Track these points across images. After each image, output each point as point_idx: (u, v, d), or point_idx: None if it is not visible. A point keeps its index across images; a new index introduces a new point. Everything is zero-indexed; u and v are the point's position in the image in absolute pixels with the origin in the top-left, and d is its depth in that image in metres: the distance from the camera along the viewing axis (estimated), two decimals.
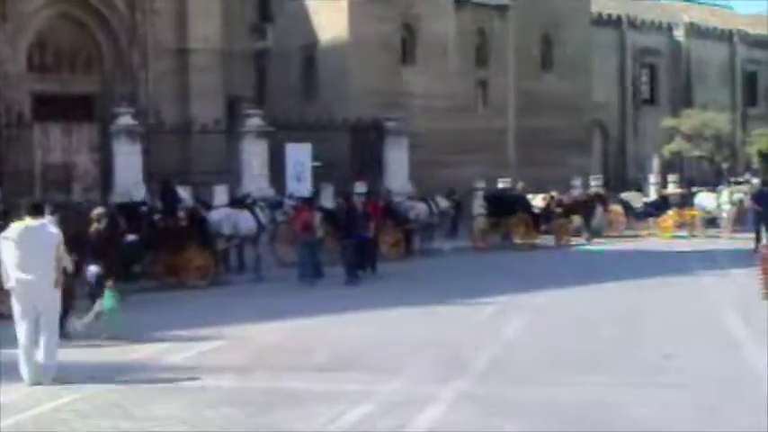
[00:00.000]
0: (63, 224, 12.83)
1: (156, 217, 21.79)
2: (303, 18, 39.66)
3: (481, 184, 34.30)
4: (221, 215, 22.75)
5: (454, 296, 17.96)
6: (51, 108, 32.53)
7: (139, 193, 24.89)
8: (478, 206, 32.21)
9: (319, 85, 39.29)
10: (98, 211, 14.96)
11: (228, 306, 17.62)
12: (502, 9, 41.62)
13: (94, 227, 14.39)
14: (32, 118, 30.24)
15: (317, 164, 30.76)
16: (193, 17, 37.73)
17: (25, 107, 32.22)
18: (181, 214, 21.59)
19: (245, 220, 22.70)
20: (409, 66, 39.63)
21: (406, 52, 39.69)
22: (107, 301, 13.67)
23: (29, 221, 10.93)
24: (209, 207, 24.19)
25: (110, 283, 13.86)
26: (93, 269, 14.20)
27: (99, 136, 27.85)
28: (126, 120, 28.12)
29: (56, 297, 10.91)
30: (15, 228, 10.92)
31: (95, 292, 14.07)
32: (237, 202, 24.77)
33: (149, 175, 27.51)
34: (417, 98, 38.71)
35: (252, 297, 18.99)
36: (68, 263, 11.96)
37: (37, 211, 11.20)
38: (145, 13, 36.43)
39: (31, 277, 10.65)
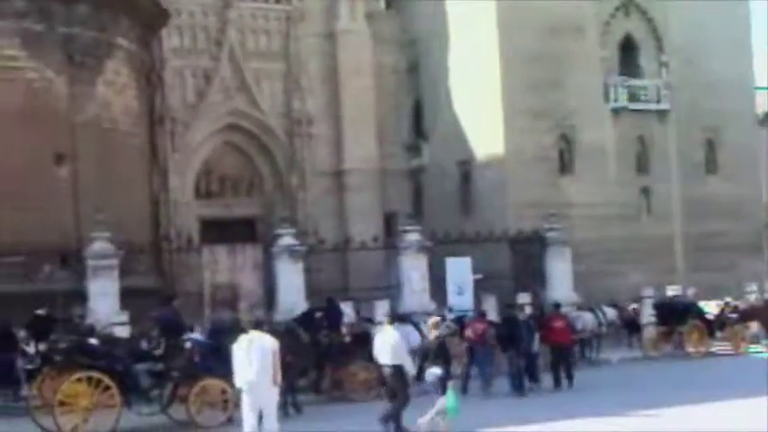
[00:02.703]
0: None
1: (323, 333, 21.82)
2: (458, 134, 39.79)
3: (649, 292, 33.21)
4: None
5: (632, 408, 17.07)
6: (217, 231, 33.48)
7: (302, 309, 24.91)
8: (648, 314, 31.23)
9: (476, 199, 39.13)
10: (434, 319, 16.77)
11: None
12: (662, 114, 40.79)
13: (434, 334, 15.88)
14: (200, 241, 31.11)
15: (477, 277, 30.40)
16: (349, 140, 38.65)
17: (193, 231, 33.28)
18: (344, 330, 21.75)
19: (408, 335, 22.45)
20: (568, 176, 39.07)
21: (564, 162, 39.21)
22: (449, 400, 14.74)
23: (253, 334, 13.36)
24: (372, 323, 24.24)
25: (451, 383, 15.03)
26: (435, 372, 15.22)
27: (262, 256, 28.29)
28: (287, 240, 28.50)
29: (274, 394, 13.26)
30: (243, 339, 13.34)
31: (439, 393, 15.13)
32: (400, 317, 24.68)
33: (310, 292, 27.69)
34: (578, 208, 37.99)
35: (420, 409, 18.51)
36: (411, 367, 15.24)
37: (258, 326, 13.76)
38: (302, 139, 37.47)
39: (255, 378, 12.96)
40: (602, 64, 39.61)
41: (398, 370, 15.25)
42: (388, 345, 15.51)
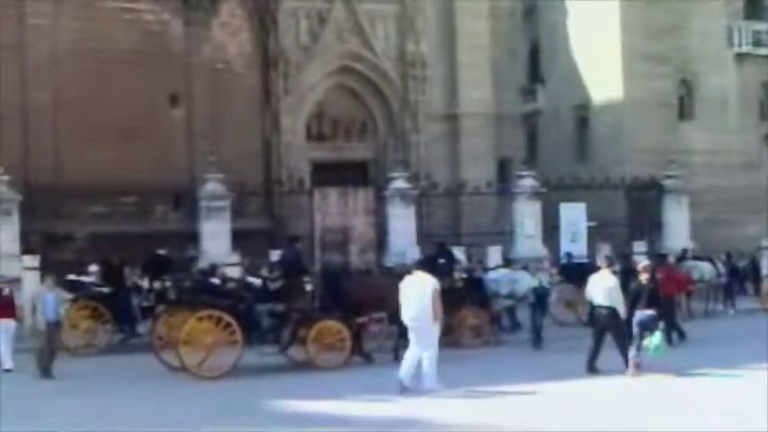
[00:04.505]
0: None
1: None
2: (575, 78, 39.01)
3: None
4: (499, 275, 22.61)
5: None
6: (328, 174, 33.46)
7: (413, 254, 24.78)
8: (766, 266, 30.27)
9: (592, 145, 38.41)
10: (644, 264, 17.28)
11: (507, 365, 17.26)
12: None
13: (644, 277, 16.23)
14: (311, 184, 31.14)
15: (591, 224, 29.82)
16: (464, 82, 38.13)
17: (305, 174, 33.32)
18: (457, 275, 21.55)
19: (522, 281, 22.21)
20: (688, 122, 38.05)
21: (684, 108, 38.16)
22: (656, 338, 15.46)
23: (417, 274, 14.66)
24: (485, 268, 24.04)
25: (660, 325, 15.75)
26: (647, 313, 15.82)
27: (374, 200, 28.18)
28: (400, 183, 28.37)
29: (434, 330, 14.30)
30: (408, 278, 14.68)
31: (649, 331, 15.64)
32: (508, 262, 24.50)
33: (422, 237, 27.50)
34: (697, 155, 37.01)
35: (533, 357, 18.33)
36: (624, 310, 15.69)
37: (422, 266, 15.18)
38: (416, 81, 37.03)
39: (415, 315, 14.21)
40: (726, 7, 38.26)
41: (612, 312, 15.79)
42: (603, 287, 15.99)
